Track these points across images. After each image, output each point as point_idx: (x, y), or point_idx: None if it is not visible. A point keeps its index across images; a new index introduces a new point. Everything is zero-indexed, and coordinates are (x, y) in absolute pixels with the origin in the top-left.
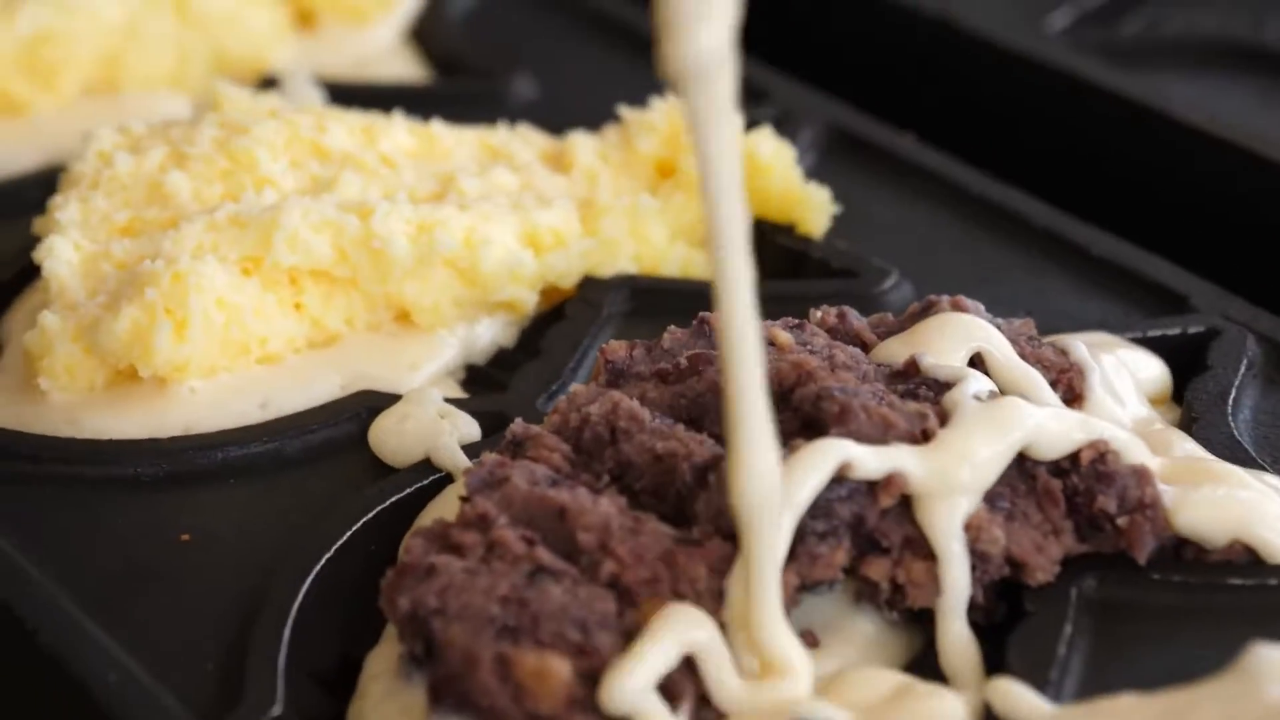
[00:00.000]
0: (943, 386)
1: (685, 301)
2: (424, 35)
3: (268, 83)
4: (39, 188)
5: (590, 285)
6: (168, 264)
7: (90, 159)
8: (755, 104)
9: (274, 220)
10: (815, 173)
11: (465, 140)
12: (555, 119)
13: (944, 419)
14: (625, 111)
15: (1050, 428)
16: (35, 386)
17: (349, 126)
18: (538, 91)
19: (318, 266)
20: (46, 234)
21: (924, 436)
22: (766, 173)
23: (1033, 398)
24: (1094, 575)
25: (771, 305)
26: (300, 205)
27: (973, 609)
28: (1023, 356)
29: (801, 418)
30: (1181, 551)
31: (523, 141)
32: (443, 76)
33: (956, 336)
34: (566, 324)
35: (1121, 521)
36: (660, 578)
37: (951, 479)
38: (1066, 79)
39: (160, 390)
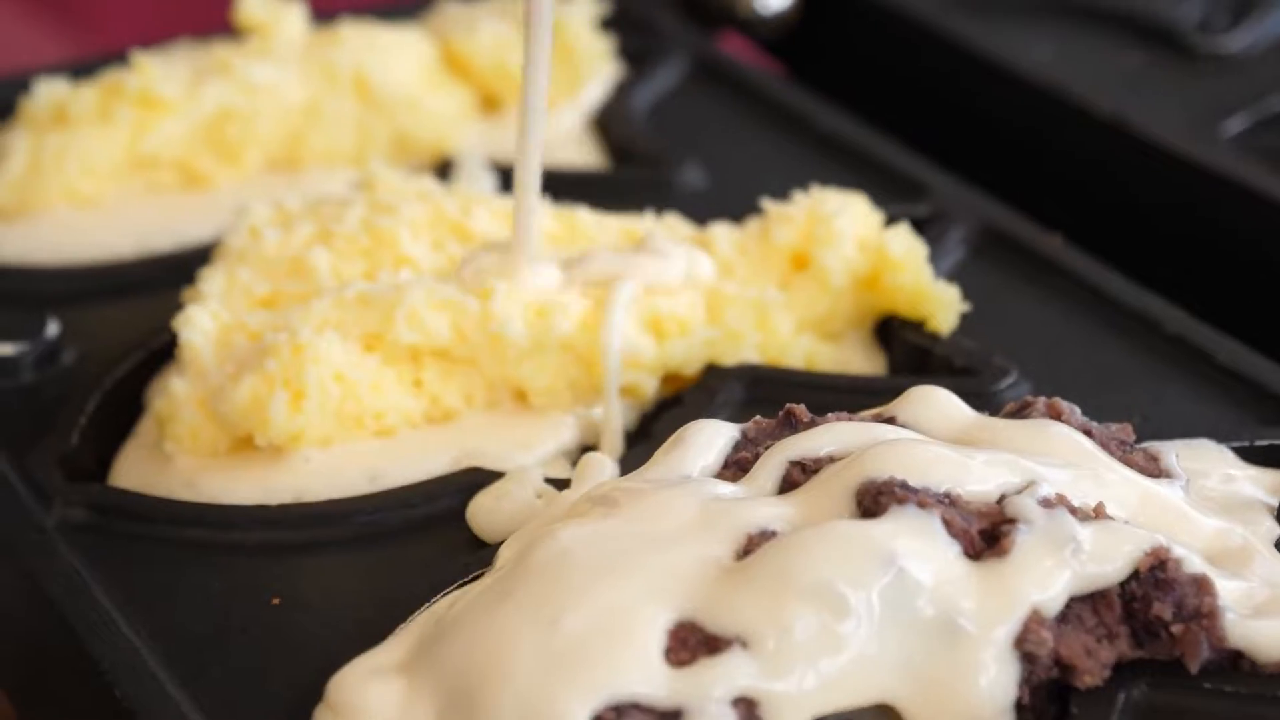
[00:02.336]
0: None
1: (804, 392)
2: (605, 123)
3: (445, 165)
4: (208, 259)
5: (712, 373)
6: (290, 337)
7: (242, 232)
8: (912, 199)
9: (396, 299)
10: (960, 269)
11: (608, 227)
12: (717, 209)
13: (1006, 523)
14: (767, 203)
15: (1101, 540)
16: (163, 450)
17: (493, 210)
18: (706, 181)
19: (437, 346)
20: (191, 304)
21: (984, 541)
22: (898, 269)
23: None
24: (1145, 681)
25: (890, 399)
26: (423, 285)
27: (1020, 711)
28: None
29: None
30: (1238, 662)
31: (667, 229)
32: (617, 165)
33: (1041, 442)
34: (681, 410)
35: (1176, 629)
36: None
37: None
38: (1235, 186)
39: (276, 458)
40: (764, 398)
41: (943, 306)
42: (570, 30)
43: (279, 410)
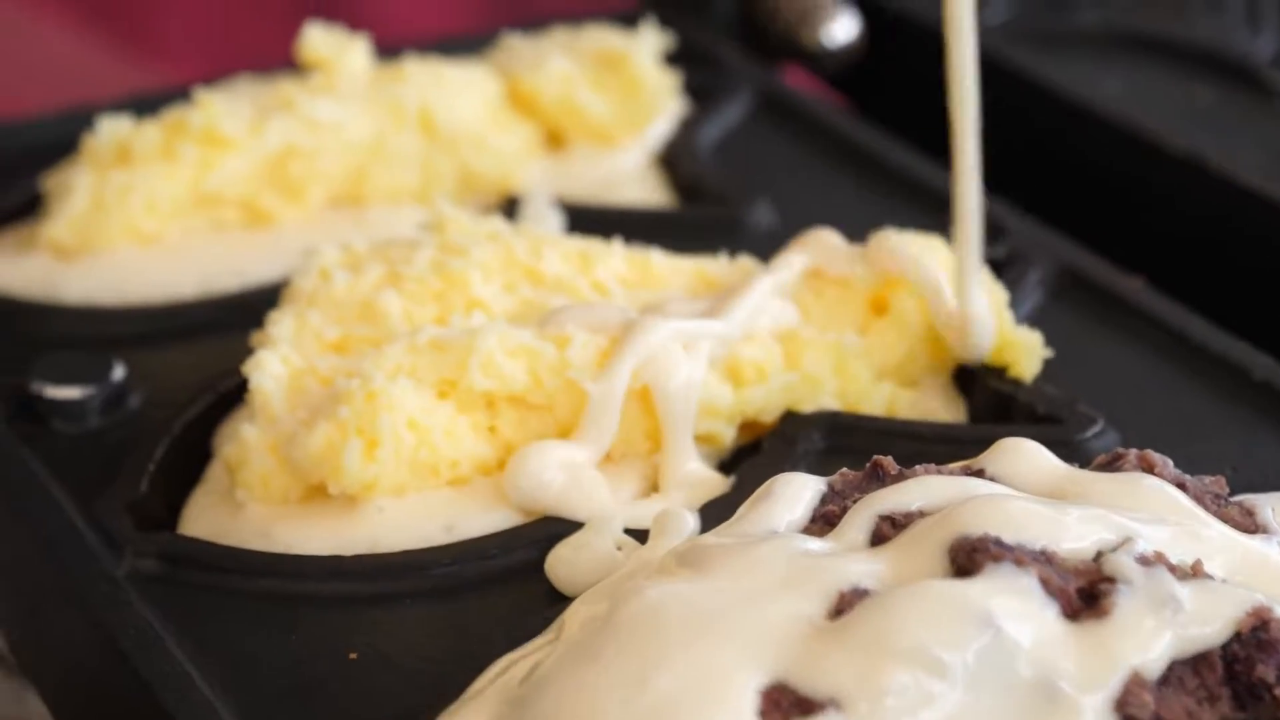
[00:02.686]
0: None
1: (885, 441)
2: (671, 160)
3: (511, 203)
4: (275, 300)
5: (790, 420)
6: (363, 383)
7: (311, 275)
8: (988, 240)
9: (470, 344)
10: (1039, 313)
11: (682, 270)
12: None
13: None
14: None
15: (1201, 600)
16: (234, 497)
17: (565, 252)
18: (776, 220)
19: (512, 392)
20: (260, 347)
21: (1081, 601)
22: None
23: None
24: None
25: (974, 448)
26: (498, 331)
27: None
28: None
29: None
30: None
31: (741, 273)
32: (684, 203)
33: (1135, 497)
34: (760, 459)
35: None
36: None
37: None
38: None
39: (350, 507)
40: (844, 446)
41: (1024, 352)
42: (636, 64)
43: (353, 458)
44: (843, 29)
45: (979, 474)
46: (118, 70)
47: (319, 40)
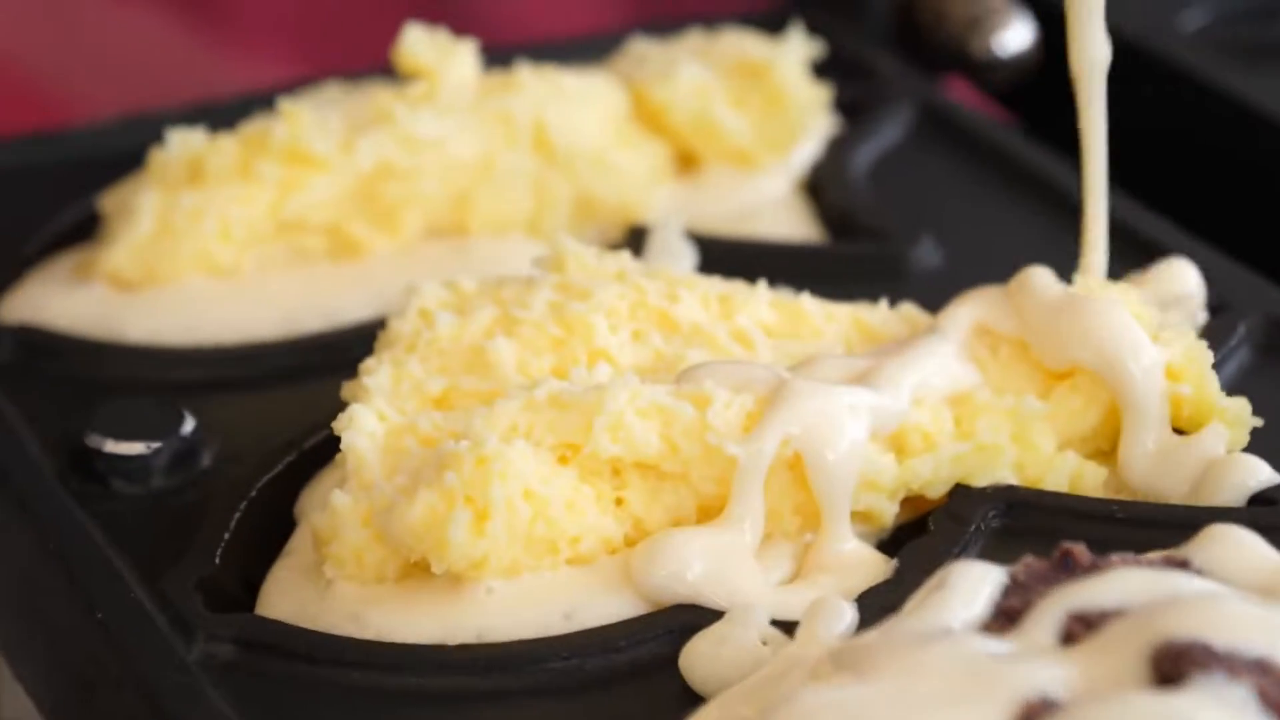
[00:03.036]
0: None
1: (1072, 522)
2: (819, 188)
3: (636, 233)
4: (368, 345)
5: (960, 496)
6: (473, 446)
7: (411, 317)
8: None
9: (597, 403)
10: (1247, 374)
11: (838, 317)
12: (957, 293)
13: None
14: None
15: None
16: (321, 574)
17: (704, 295)
18: (940, 258)
19: (643, 459)
20: (353, 400)
21: None
22: (1177, 378)
23: None
24: None
25: (1175, 533)
26: (628, 387)
27: None
28: None
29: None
30: None
31: (905, 322)
32: (834, 237)
33: None
34: (927, 539)
35: None
36: None
37: None
38: None
39: (455, 588)
40: (1024, 527)
41: (1231, 422)
42: (781, 75)
43: (459, 532)
44: (1016, 36)
45: (1183, 565)
46: (193, 62)
47: (420, 44)
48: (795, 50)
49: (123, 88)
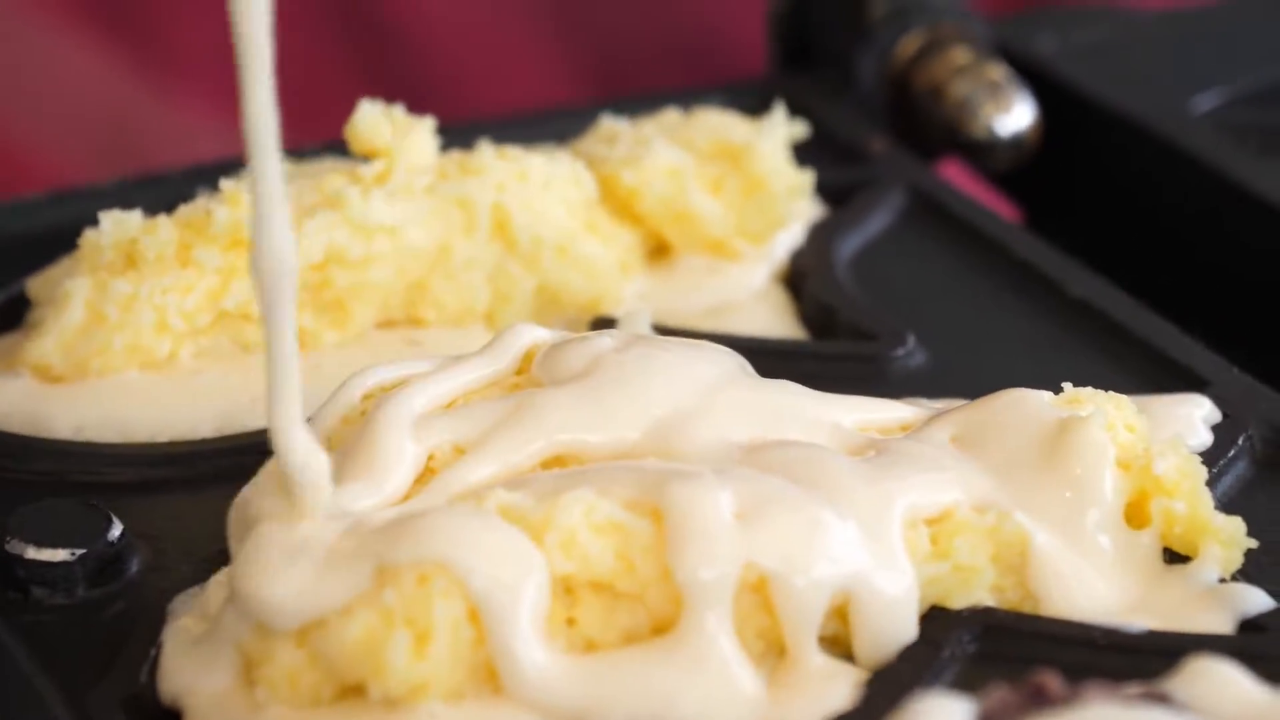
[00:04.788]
0: None
1: (1049, 648)
2: (799, 280)
3: (601, 323)
4: None
5: (936, 620)
6: (414, 562)
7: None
8: (1197, 390)
9: (548, 518)
10: (1245, 489)
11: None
12: (940, 396)
13: None
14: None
15: None
16: (252, 695)
17: None
18: (926, 359)
19: (598, 577)
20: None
21: None
22: (1169, 494)
23: None
24: None
25: (1156, 660)
26: (582, 501)
27: None
28: None
29: None
30: None
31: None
32: (814, 334)
33: None
34: (897, 665)
35: None
36: None
37: None
38: None
39: (392, 713)
40: (1000, 652)
41: (1224, 543)
42: (761, 158)
43: (399, 655)
44: (1017, 116)
45: (1163, 699)
46: (124, 102)
47: (375, 122)
48: (777, 131)
49: (55, 127)
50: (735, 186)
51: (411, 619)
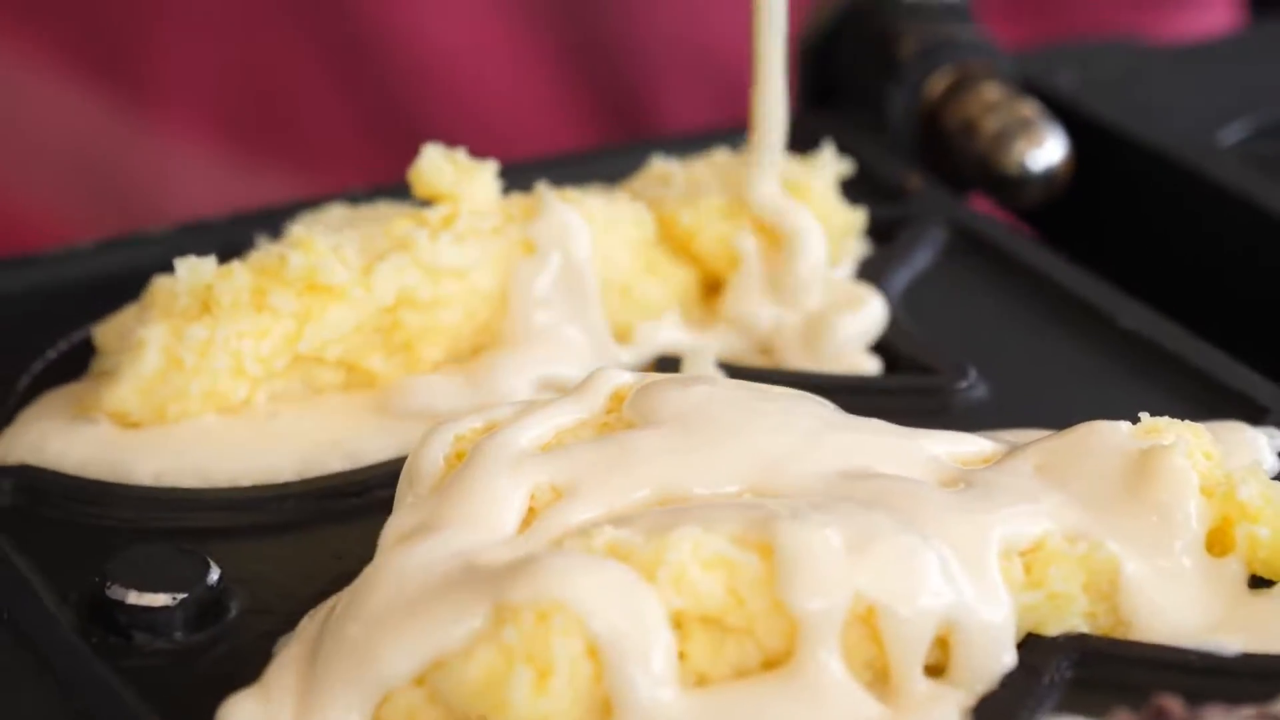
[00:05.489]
0: None
1: (1146, 672)
2: None
3: (666, 363)
4: (388, 482)
5: (1033, 647)
6: (532, 600)
7: (434, 458)
8: (1256, 418)
9: (658, 554)
10: None
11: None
12: (1008, 427)
13: None
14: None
15: None
16: None
17: None
18: (987, 391)
19: (707, 612)
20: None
21: None
22: (1254, 520)
23: None
24: None
25: (1254, 684)
26: (691, 537)
27: None
28: None
29: None
30: None
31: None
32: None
33: None
34: (1000, 692)
35: None
36: None
37: None
38: None
39: None
40: (1097, 678)
41: None
42: (817, 198)
43: (521, 692)
44: (1049, 151)
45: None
46: (117, 130)
47: (439, 168)
48: (827, 170)
49: (40, 168)
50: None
51: (532, 656)
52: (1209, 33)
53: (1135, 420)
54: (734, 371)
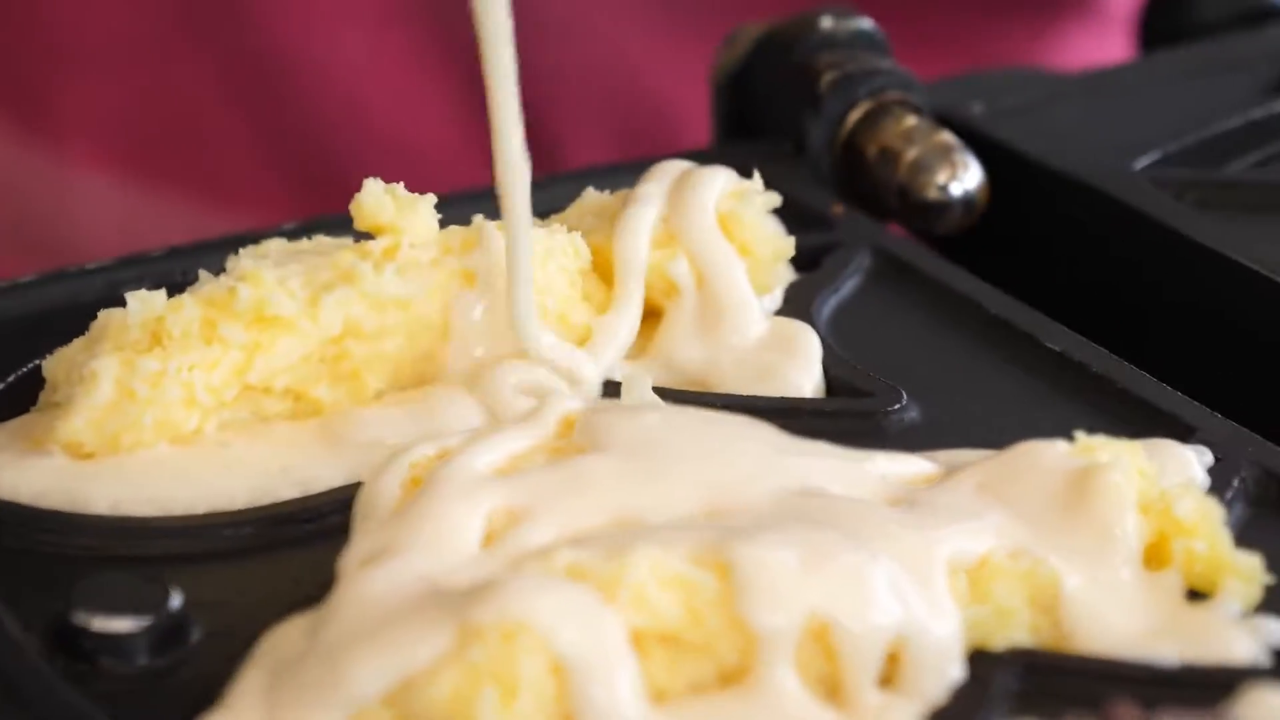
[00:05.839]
0: None
1: (1092, 684)
2: None
3: (606, 388)
4: (341, 508)
5: (979, 660)
6: (496, 622)
7: (392, 485)
8: (1183, 436)
9: (618, 574)
10: (1246, 529)
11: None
12: (940, 448)
13: None
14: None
15: None
16: None
17: None
18: (920, 413)
19: (666, 629)
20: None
21: None
22: (1190, 535)
23: None
24: None
25: (1196, 693)
26: (649, 557)
27: None
28: None
29: None
30: None
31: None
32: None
33: None
34: (951, 705)
35: None
36: None
37: None
38: None
39: None
40: (1045, 689)
41: (1244, 579)
42: (749, 227)
43: (488, 710)
44: (968, 178)
45: None
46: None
47: (378, 201)
48: (757, 199)
49: None
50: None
51: (498, 675)
52: (1104, 62)
53: (1069, 439)
54: (669, 396)
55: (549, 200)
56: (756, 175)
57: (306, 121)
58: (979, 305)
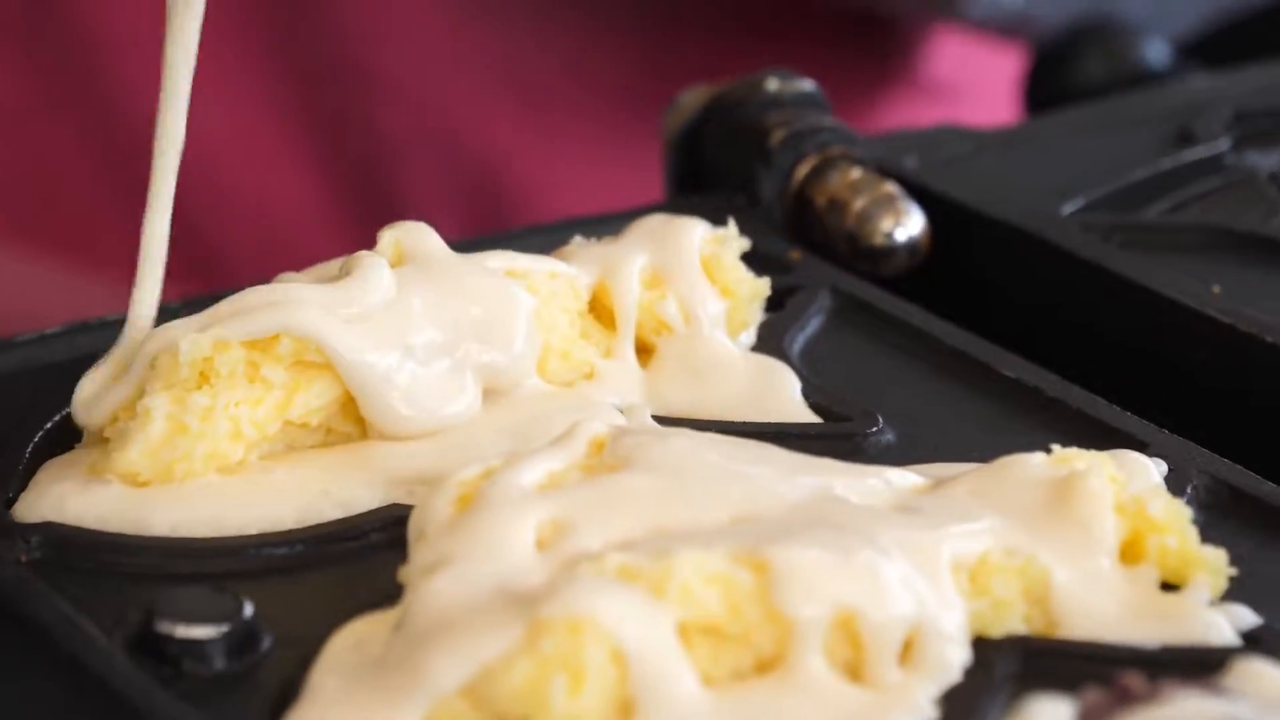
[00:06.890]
0: None
1: (1084, 665)
2: None
3: None
4: (384, 527)
5: (981, 646)
6: (564, 617)
7: (442, 507)
8: (1137, 449)
9: (666, 573)
10: (1202, 528)
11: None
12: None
13: None
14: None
15: None
16: None
17: None
18: (895, 437)
19: (709, 622)
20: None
21: None
22: (1163, 532)
23: None
24: None
25: (1191, 671)
26: (693, 557)
27: None
28: None
29: None
30: None
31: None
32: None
33: None
34: (961, 687)
35: None
36: None
37: None
38: None
39: None
40: (1043, 672)
41: (1211, 571)
42: (729, 269)
43: (559, 695)
44: (910, 224)
45: (1222, 692)
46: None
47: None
48: (734, 243)
49: None
50: None
51: (566, 664)
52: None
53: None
54: (667, 424)
55: (536, 249)
56: (731, 222)
57: None
58: (936, 338)
